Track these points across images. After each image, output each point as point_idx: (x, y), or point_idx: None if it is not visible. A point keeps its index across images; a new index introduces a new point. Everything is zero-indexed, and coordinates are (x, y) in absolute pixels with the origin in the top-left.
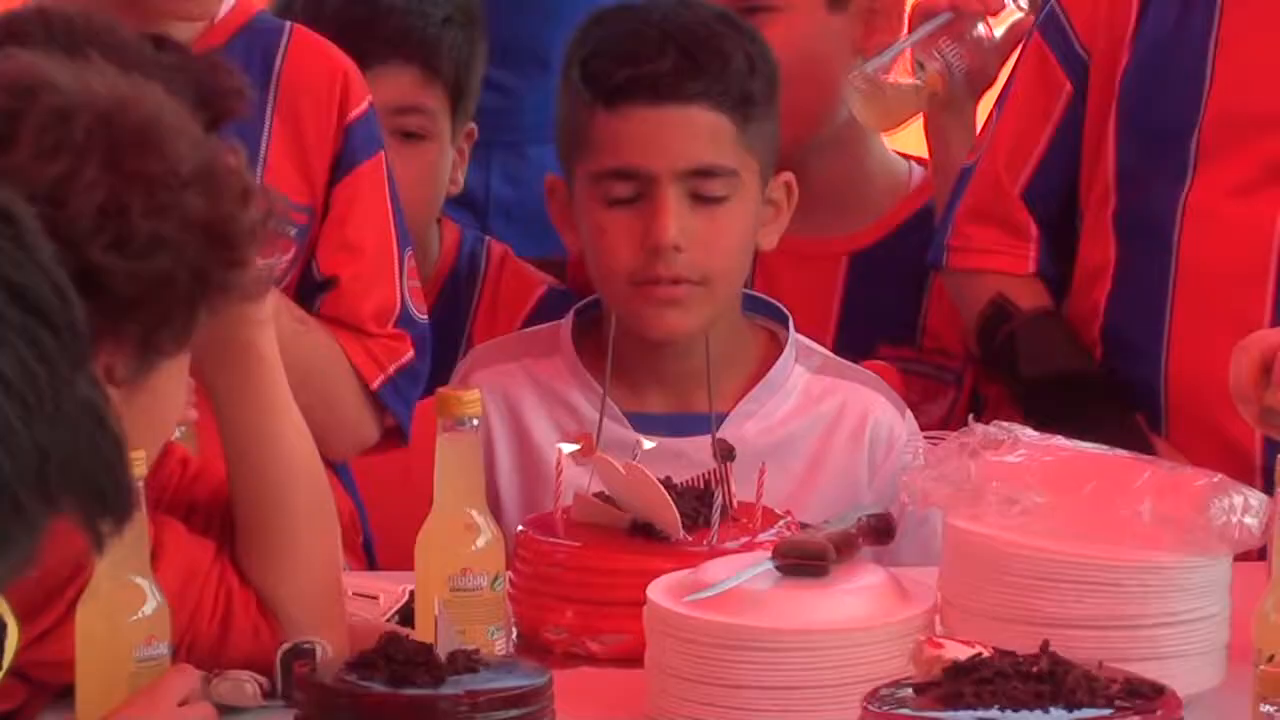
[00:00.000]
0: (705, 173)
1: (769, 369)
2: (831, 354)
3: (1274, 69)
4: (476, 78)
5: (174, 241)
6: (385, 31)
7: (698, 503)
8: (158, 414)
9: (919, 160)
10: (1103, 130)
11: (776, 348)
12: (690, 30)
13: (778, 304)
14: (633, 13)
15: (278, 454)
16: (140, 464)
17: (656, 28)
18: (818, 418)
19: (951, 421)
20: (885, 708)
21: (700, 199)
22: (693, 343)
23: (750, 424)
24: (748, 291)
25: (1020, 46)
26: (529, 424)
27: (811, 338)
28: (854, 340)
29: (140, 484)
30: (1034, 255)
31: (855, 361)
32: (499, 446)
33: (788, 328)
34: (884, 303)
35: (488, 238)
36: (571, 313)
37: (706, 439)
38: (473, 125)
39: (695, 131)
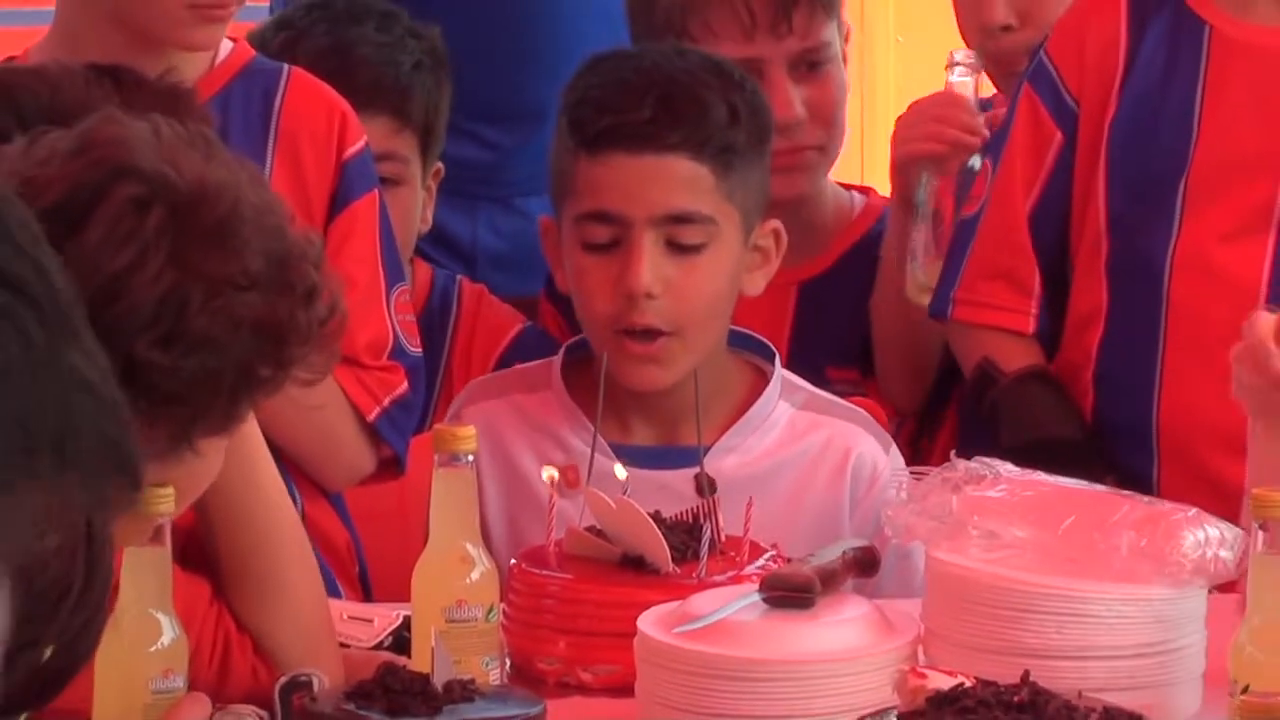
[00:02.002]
0: (681, 219)
1: (753, 403)
2: (817, 390)
3: (1260, 117)
4: (444, 119)
5: (223, 341)
6: (357, 82)
7: (687, 536)
8: (194, 473)
9: (859, 189)
10: (1093, 178)
11: (761, 382)
12: (674, 79)
13: (764, 340)
14: (624, 60)
15: (263, 501)
16: (169, 501)
17: (642, 76)
18: (800, 453)
19: (899, 438)
20: None
21: (677, 247)
22: (678, 381)
23: (732, 458)
24: (734, 328)
25: (1012, 98)
26: (518, 459)
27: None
28: (803, 363)
29: (167, 522)
30: (1035, 313)
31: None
32: (487, 481)
33: (774, 363)
34: (831, 328)
35: (460, 276)
36: (563, 349)
37: (691, 472)
38: (439, 165)
39: (672, 180)
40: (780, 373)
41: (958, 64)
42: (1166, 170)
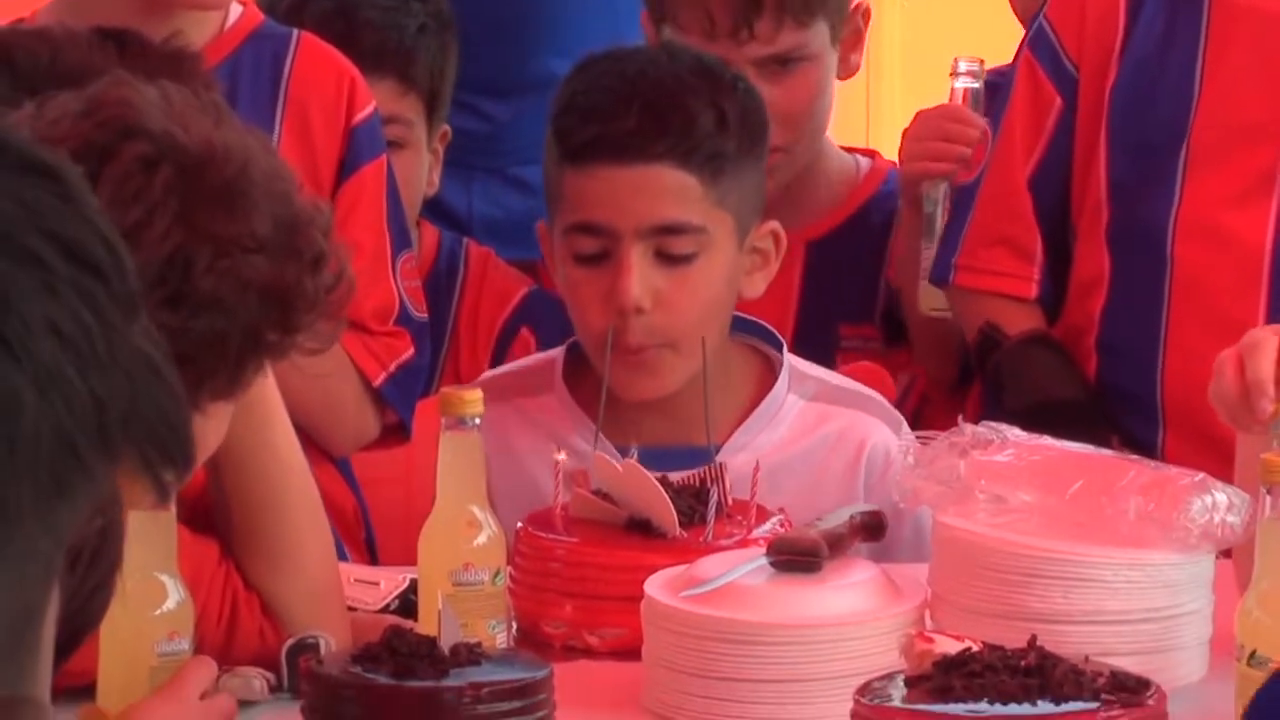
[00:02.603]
0: (670, 230)
1: (762, 396)
2: (826, 376)
3: (1260, 80)
4: (450, 82)
5: (230, 302)
6: (362, 45)
7: (693, 500)
8: (201, 434)
9: (864, 153)
10: (1094, 144)
11: (768, 370)
12: (660, 87)
13: (769, 328)
14: (612, 64)
15: (277, 462)
16: None
17: (627, 84)
18: (812, 447)
19: (911, 393)
20: (877, 700)
21: (666, 257)
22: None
23: (743, 456)
24: (739, 314)
25: (1012, 64)
26: (526, 464)
27: (773, 322)
28: (814, 321)
29: None
30: (1037, 279)
31: (819, 342)
32: (497, 486)
33: (782, 352)
34: (842, 285)
35: (467, 239)
36: (563, 349)
37: (700, 471)
38: (447, 127)
39: (659, 190)
40: (788, 363)
41: (962, 73)
42: (1167, 136)
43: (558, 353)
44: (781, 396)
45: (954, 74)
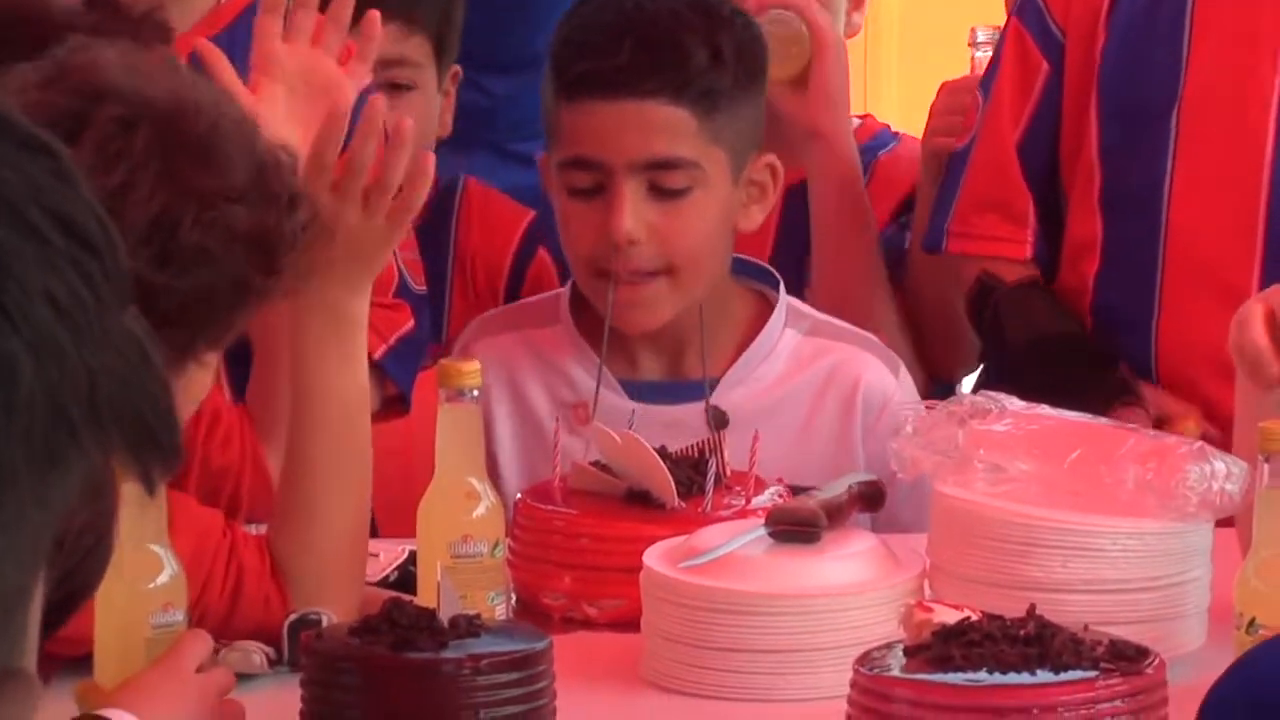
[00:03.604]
0: (663, 165)
1: (759, 333)
2: (822, 315)
3: (1250, 39)
4: (458, 22)
5: (217, 254)
6: None
7: (692, 471)
8: (194, 383)
9: (860, 117)
10: (1084, 109)
11: (767, 310)
12: (655, 22)
13: (768, 267)
14: (611, 2)
15: (309, 410)
16: None
17: (623, 18)
18: (808, 382)
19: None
20: (876, 670)
21: (660, 190)
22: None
23: (741, 389)
24: (738, 256)
25: (1002, 30)
26: (527, 393)
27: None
28: (787, 264)
29: None
30: (1031, 241)
31: (786, 276)
32: (498, 415)
33: (778, 290)
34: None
35: (464, 175)
36: (570, 283)
37: (699, 405)
38: (457, 67)
39: (652, 125)
40: (784, 299)
41: (981, 42)
42: (1158, 98)
43: (566, 287)
44: (778, 331)
45: (972, 44)
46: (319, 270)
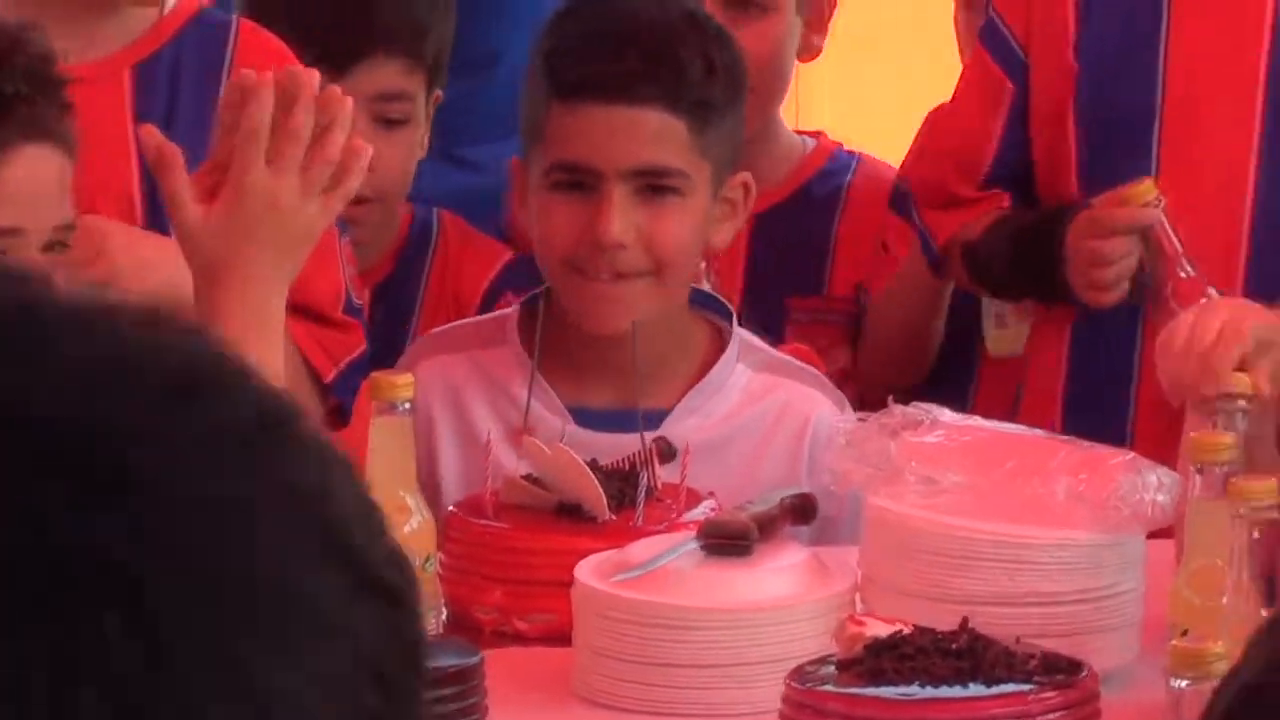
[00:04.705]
0: (654, 173)
1: (712, 365)
2: (773, 351)
3: (1226, 59)
4: (448, 51)
5: None
6: (378, 25)
7: (623, 484)
8: None
9: (813, 134)
10: (1061, 135)
11: (720, 343)
12: (651, 31)
13: (722, 299)
14: (603, 7)
15: None
16: None
17: (620, 26)
18: (758, 417)
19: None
20: (809, 684)
21: (647, 193)
22: (639, 337)
23: (692, 421)
24: (693, 287)
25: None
26: (472, 413)
27: (721, 293)
28: (761, 294)
29: None
30: (1008, 201)
31: (768, 315)
32: (442, 434)
33: (731, 323)
34: (788, 259)
35: (439, 210)
36: (519, 304)
37: (649, 436)
38: (439, 91)
39: (646, 133)
40: (739, 333)
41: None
42: (1139, 122)
43: (514, 309)
44: (731, 364)
45: None
46: (239, 266)
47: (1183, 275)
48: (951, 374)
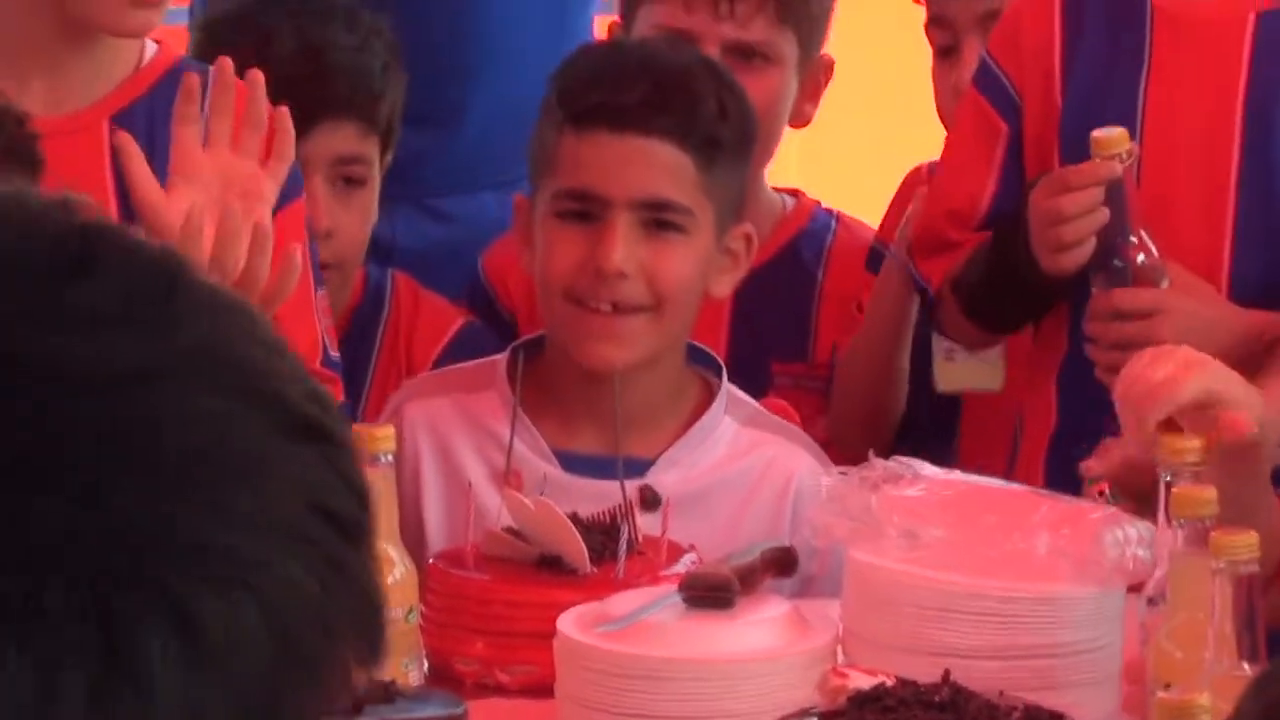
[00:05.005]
0: (660, 206)
1: (701, 417)
2: (760, 407)
3: (1208, 92)
4: (399, 115)
5: None
6: (332, 91)
7: (604, 537)
8: None
9: (790, 192)
10: (1047, 170)
11: (709, 397)
12: (666, 67)
13: (711, 352)
14: (618, 45)
15: None
16: None
17: (635, 59)
18: (743, 472)
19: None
20: None
21: (652, 228)
22: (631, 383)
23: (676, 471)
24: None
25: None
26: (458, 457)
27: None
28: (745, 359)
29: None
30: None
31: (751, 378)
32: (427, 478)
33: (721, 377)
34: (771, 322)
35: (393, 271)
36: (509, 349)
37: (632, 483)
38: (389, 156)
39: (655, 164)
40: (726, 386)
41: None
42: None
43: (502, 354)
44: (719, 417)
45: None
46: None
47: (1134, 241)
48: (934, 426)
